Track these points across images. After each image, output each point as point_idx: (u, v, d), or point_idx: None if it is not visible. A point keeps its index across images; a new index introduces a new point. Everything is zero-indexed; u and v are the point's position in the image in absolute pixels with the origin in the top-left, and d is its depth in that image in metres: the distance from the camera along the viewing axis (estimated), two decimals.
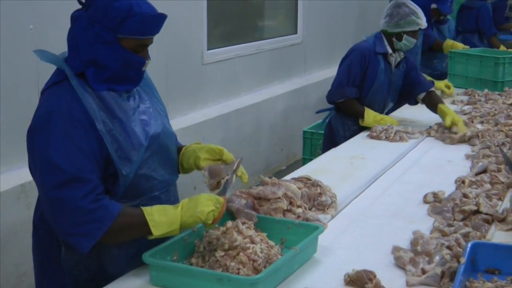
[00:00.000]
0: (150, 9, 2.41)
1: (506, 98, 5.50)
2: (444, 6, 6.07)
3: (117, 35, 2.36)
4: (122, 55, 2.39)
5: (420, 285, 2.34)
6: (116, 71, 2.40)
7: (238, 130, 6.56)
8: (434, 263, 2.44)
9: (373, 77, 4.71)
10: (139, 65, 2.46)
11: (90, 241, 2.28)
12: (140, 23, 2.36)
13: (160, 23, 2.43)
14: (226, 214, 2.69)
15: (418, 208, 3.16)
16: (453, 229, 2.75)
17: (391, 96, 4.93)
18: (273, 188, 2.89)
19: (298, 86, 7.92)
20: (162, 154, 2.56)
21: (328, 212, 3.02)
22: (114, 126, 2.37)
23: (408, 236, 2.75)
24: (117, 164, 2.36)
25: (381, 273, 2.38)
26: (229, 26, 7.26)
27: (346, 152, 4.10)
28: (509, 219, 2.83)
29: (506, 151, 3.85)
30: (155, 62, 5.45)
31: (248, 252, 2.36)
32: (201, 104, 6.26)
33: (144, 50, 2.46)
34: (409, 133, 4.43)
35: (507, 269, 2.35)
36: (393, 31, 4.70)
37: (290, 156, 7.69)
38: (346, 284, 2.35)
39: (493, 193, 3.20)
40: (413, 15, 4.66)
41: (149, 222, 2.32)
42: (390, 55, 4.76)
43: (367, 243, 2.75)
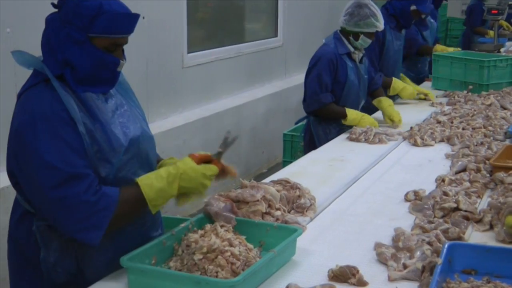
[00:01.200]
0: (121, 7, 2.40)
1: (485, 99, 5.55)
2: (423, 6, 6.08)
3: (88, 34, 2.35)
4: (94, 54, 2.37)
5: (402, 280, 2.39)
6: (89, 71, 2.38)
7: (218, 133, 6.54)
8: (415, 258, 2.49)
9: (344, 77, 4.81)
10: (113, 65, 2.43)
11: (100, 231, 2.30)
12: (111, 21, 2.35)
13: (132, 22, 2.42)
14: (204, 217, 2.70)
15: (399, 206, 3.21)
16: (434, 225, 2.82)
17: (362, 91, 5.03)
18: (251, 191, 2.89)
19: (279, 89, 7.94)
20: (141, 157, 2.56)
21: (307, 214, 3.02)
22: (94, 127, 2.37)
23: (389, 233, 2.80)
24: (96, 166, 2.35)
25: (364, 269, 2.43)
26: (210, 30, 7.26)
27: (326, 155, 4.11)
28: (485, 220, 2.86)
29: (484, 151, 3.93)
30: (135, 65, 5.47)
31: (226, 255, 2.36)
32: (181, 107, 6.26)
33: (118, 50, 2.45)
34: (388, 135, 4.45)
35: (483, 270, 2.36)
36: (351, 30, 4.81)
37: (271, 159, 7.69)
38: (330, 280, 2.40)
39: (472, 191, 3.27)
40: (373, 17, 4.77)
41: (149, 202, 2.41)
42: (353, 53, 4.88)
43: (350, 240, 2.80)
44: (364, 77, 5.03)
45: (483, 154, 3.85)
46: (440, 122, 4.79)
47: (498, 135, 4.36)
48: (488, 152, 3.89)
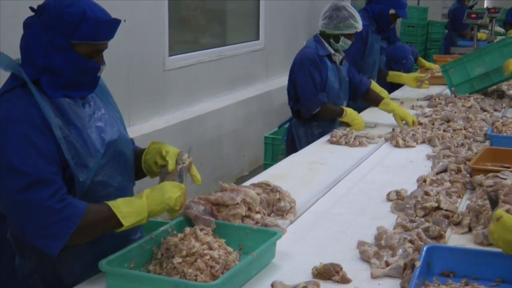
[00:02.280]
0: (104, 14, 2.41)
1: (465, 101, 5.64)
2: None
3: (71, 41, 2.36)
4: (76, 60, 2.38)
5: (384, 277, 2.44)
6: (71, 77, 2.39)
7: (200, 136, 6.55)
8: (397, 256, 2.54)
9: (325, 79, 4.85)
10: (94, 70, 2.45)
11: (60, 242, 2.26)
12: (94, 28, 2.36)
13: (114, 28, 2.43)
14: (184, 220, 2.70)
15: (381, 206, 3.26)
16: (415, 224, 2.87)
17: (343, 92, 5.06)
18: (231, 194, 2.89)
19: (260, 92, 7.94)
20: (118, 161, 2.55)
21: (287, 217, 3.03)
22: (70, 132, 2.36)
23: (372, 232, 2.85)
24: (73, 171, 2.34)
25: (347, 266, 2.48)
26: (191, 32, 7.26)
27: (306, 157, 4.12)
28: (464, 223, 2.88)
29: (464, 152, 3.99)
30: (116, 68, 5.46)
31: (205, 259, 2.37)
32: (163, 110, 6.24)
33: (99, 55, 2.45)
34: (369, 138, 4.48)
35: (461, 272, 2.38)
36: (331, 33, 4.86)
37: (253, 161, 7.69)
38: (314, 277, 2.43)
39: (453, 190, 3.33)
40: (352, 18, 4.83)
41: (118, 214, 2.33)
42: (333, 55, 4.91)
43: (333, 238, 2.84)
44: (345, 79, 5.06)
45: (464, 155, 3.92)
46: (421, 124, 4.87)
47: (478, 137, 4.45)
48: (469, 153, 3.98)
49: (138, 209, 2.38)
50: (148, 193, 2.42)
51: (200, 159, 6.48)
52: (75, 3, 2.36)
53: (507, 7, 13.58)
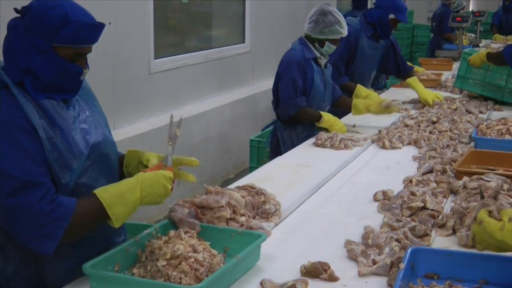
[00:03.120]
0: (87, 17, 2.38)
1: (451, 103, 5.71)
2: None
3: (53, 44, 2.33)
4: (58, 64, 2.36)
5: (371, 275, 2.47)
6: (52, 80, 2.37)
7: (185, 139, 6.54)
8: (384, 255, 2.58)
9: (311, 81, 4.85)
10: (77, 74, 2.43)
11: (54, 241, 2.27)
12: (76, 32, 2.34)
13: (98, 31, 2.41)
14: (169, 223, 2.69)
15: (368, 206, 3.29)
16: (401, 224, 2.90)
17: (327, 95, 5.08)
18: (216, 197, 2.89)
19: (246, 94, 7.95)
20: (103, 163, 2.55)
21: (271, 220, 3.03)
22: (54, 134, 2.35)
23: (359, 231, 2.88)
24: (55, 173, 2.33)
25: (334, 265, 2.50)
26: (177, 35, 7.25)
27: (291, 160, 4.12)
28: (448, 225, 2.89)
29: (450, 153, 4.04)
30: (101, 71, 5.44)
31: (190, 261, 2.36)
32: (148, 113, 6.23)
33: (82, 59, 2.43)
34: (354, 141, 4.49)
35: (445, 274, 2.38)
36: (316, 37, 4.86)
37: (239, 164, 7.69)
38: (303, 275, 2.46)
39: (439, 191, 3.37)
40: (337, 24, 4.83)
41: (112, 216, 2.36)
42: (319, 58, 4.93)
43: (321, 237, 2.87)
44: (330, 82, 5.08)
45: (449, 156, 3.97)
46: (407, 126, 4.91)
47: (463, 138, 4.50)
48: (454, 155, 4.01)
49: (131, 210, 2.41)
50: (142, 186, 2.43)
51: None
52: (58, 6, 2.34)
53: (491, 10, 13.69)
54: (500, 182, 3.26)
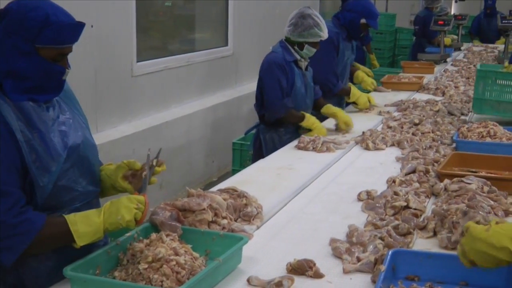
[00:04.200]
0: (67, 17, 2.40)
1: (433, 105, 5.77)
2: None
3: (35, 45, 2.35)
4: (41, 65, 2.37)
5: (356, 272, 2.53)
6: (36, 81, 2.38)
7: (168, 142, 6.53)
8: (368, 252, 2.64)
9: (292, 83, 4.87)
10: (59, 74, 2.44)
11: (14, 255, 2.27)
12: (58, 32, 2.35)
13: (78, 31, 2.42)
14: (150, 226, 2.69)
15: (352, 205, 3.35)
16: (385, 222, 2.96)
17: (309, 98, 5.10)
18: (198, 200, 2.89)
19: (229, 97, 7.94)
20: (82, 165, 2.54)
21: (253, 222, 3.03)
22: (32, 136, 2.35)
23: (344, 230, 2.93)
24: (33, 175, 2.33)
25: (320, 262, 2.56)
26: (159, 38, 7.24)
27: (273, 163, 4.13)
28: (429, 227, 2.90)
29: (432, 154, 4.12)
30: (84, 74, 5.43)
31: (171, 264, 2.36)
32: (131, 116, 6.22)
33: (64, 59, 2.45)
34: (336, 143, 4.50)
35: (426, 276, 2.40)
36: (296, 40, 4.88)
37: (222, 167, 7.69)
38: (288, 272, 2.51)
39: (421, 191, 3.43)
40: (317, 27, 4.85)
41: (74, 233, 2.34)
42: (299, 60, 4.94)
43: (306, 236, 2.93)
44: (311, 84, 5.10)
45: (432, 157, 4.05)
46: (390, 127, 4.99)
47: (446, 140, 4.57)
48: (436, 155, 4.10)
49: (95, 229, 2.38)
50: (106, 209, 2.42)
51: (168, 165, 6.40)
52: (38, 7, 2.35)
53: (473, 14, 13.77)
54: (480, 184, 3.29)
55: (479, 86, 5.16)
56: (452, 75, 7.91)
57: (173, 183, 6.48)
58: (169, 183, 6.37)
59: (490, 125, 4.44)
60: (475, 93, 5.21)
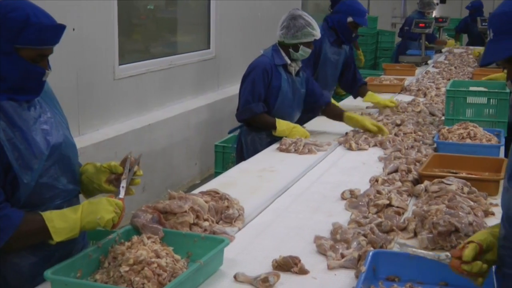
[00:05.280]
0: (48, 19, 2.41)
1: (415, 106, 5.85)
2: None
3: (15, 46, 2.35)
4: (21, 65, 2.38)
5: (340, 268, 2.59)
6: (15, 81, 2.39)
7: (151, 145, 6.53)
8: (352, 249, 2.69)
9: (277, 88, 4.85)
10: (39, 75, 2.45)
11: None
12: (38, 33, 2.36)
13: (59, 33, 2.43)
14: (132, 229, 2.69)
15: (336, 204, 3.41)
16: (368, 220, 3.02)
17: (296, 103, 5.05)
18: (179, 202, 2.89)
19: (212, 100, 7.94)
20: (63, 163, 2.56)
21: (235, 225, 3.04)
22: (14, 135, 2.37)
23: (328, 228, 2.98)
24: (17, 172, 2.34)
25: (305, 259, 2.61)
26: (141, 41, 7.23)
27: (255, 165, 4.14)
28: (410, 228, 2.92)
29: (414, 154, 4.18)
30: (65, 76, 5.42)
31: (153, 267, 2.36)
32: (113, 119, 6.21)
33: (44, 60, 2.46)
34: (318, 145, 4.52)
35: (406, 277, 2.41)
36: (290, 42, 4.85)
37: (204, 170, 7.69)
38: (274, 269, 2.56)
39: (404, 189, 3.49)
40: (309, 26, 4.83)
41: (50, 228, 2.36)
42: (290, 65, 4.91)
43: (291, 234, 2.98)
44: (301, 90, 5.05)
45: (413, 156, 4.12)
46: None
47: (427, 140, 4.63)
48: (418, 155, 4.15)
49: (71, 225, 2.40)
50: (84, 207, 2.44)
51: (151, 168, 6.46)
52: (19, 8, 2.35)
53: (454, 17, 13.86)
54: (460, 185, 3.31)
55: (449, 106, 5.09)
56: (433, 77, 7.96)
57: (155, 186, 6.48)
58: (151, 186, 6.36)
59: (470, 126, 4.47)
60: (446, 113, 5.12)
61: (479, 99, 5.01)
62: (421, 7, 11.21)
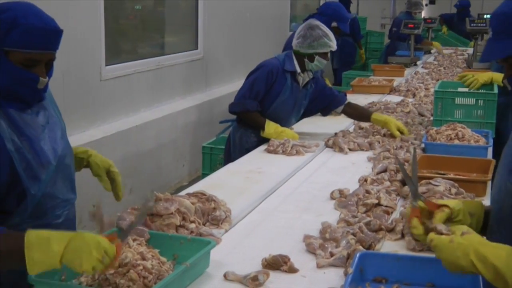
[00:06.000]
0: (40, 21, 2.32)
1: (404, 107, 5.88)
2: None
3: (3, 48, 2.27)
4: (10, 70, 2.28)
5: (329, 266, 2.62)
6: (7, 87, 2.29)
7: (138, 146, 6.50)
8: (341, 247, 2.72)
9: (278, 93, 4.81)
10: (31, 82, 2.34)
11: None
12: (24, 35, 2.27)
13: (52, 37, 2.34)
14: (117, 231, 2.66)
15: (325, 204, 3.43)
16: (357, 219, 3.05)
17: (295, 113, 5.03)
18: (165, 204, 2.87)
19: (199, 101, 7.92)
20: (65, 173, 2.52)
21: (222, 226, 3.02)
22: (22, 144, 2.30)
23: (317, 227, 3.01)
24: (25, 183, 2.29)
25: (294, 258, 2.64)
26: (129, 42, 7.20)
27: (243, 167, 4.13)
28: (397, 229, 2.92)
29: (403, 154, 4.19)
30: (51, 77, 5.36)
31: (138, 269, 2.34)
32: (100, 120, 6.17)
33: (39, 66, 2.35)
34: (306, 146, 4.51)
35: (393, 278, 2.40)
36: (305, 52, 4.79)
37: (192, 172, 7.67)
38: (264, 267, 2.58)
39: (392, 189, 3.54)
40: (326, 37, 4.77)
41: (27, 259, 2.05)
42: (299, 74, 4.87)
43: (281, 233, 3.01)
44: (303, 102, 5.01)
45: (402, 156, 4.14)
46: (362, 128, 5.07)
47: (416, 140, 4.63)
48: (407, 155, 4.18)
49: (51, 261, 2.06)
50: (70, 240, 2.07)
51: (138, 169, 6.43)
52: (10, 9, 2.29)
53: None
54: (448, 186, 3.31)
55: (437, 107, 5.07)
56: (422, 77, 7.99)
57: (142, 188, 6.44)
58: (138, 187, 6.33)
59: (458, 127, 4.46)
60: (434, 114, 5.11)
61: (467, 100, 5.01)
62: (408, 7, 11.24)
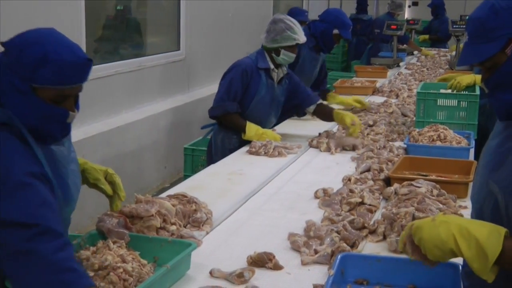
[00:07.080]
0: (71, 54, 2.14)
1: (387, 107, 5.92)
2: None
3: (31, 84, 2.11)
4: (38, 106, 2.12)
5: (314, 264, 2.66)
6: (34, 124, 2.15)
7: (119, 147, 6.46)
8: (325, 245, 2.76)
9: (254, 91, 4.79)
10: (61, 117, 2.20)
11: None
12: (57, 72, 2.11)
13: (83, 70, 2.18)
14: (97, 234, 2.65)
15: (310, 203, 3.47)
16: (341, 217, 3.08)
17: (274, 111, 5.01)
18: (146, 206, 2.85)
19: (181, 103, 7.88)
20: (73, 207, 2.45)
21: (203, 228, 3.01)
22: (56, 181, 2.19)
23: (302, 226, 3.04)
24: None
25: (279, 255, 2.68)
26: (110, 43, 7.16)
27: (225, 168, 4.11)
28: (379, 231, 2.92)
29: (386, 153, 4.23)
30: None
31: (118, 272, 2.33)
32: (80, 122, 6.12)
33: (68, 100, 2.21)
34: (288, 148, 4.50)
35: (374, 279, 2.40)
36: (271, 47, 4.79)
37: (174, 173, 7.63)
38: (249, 264, 2.62)
39: (376, 188, 3.57)
40: (289, 30, 4.76)
41: None
42: (272, 70, 4.85)
43: (265, 232, 3.05)
44: (280, 98, 5.00)
45: (385, 156, 4.17)
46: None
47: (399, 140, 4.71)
48: (390, 155, 4.22)
49: None
50: None
51: (119, 171, 6.33)
52: (38, 42, 2.12)
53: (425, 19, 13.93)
54: (429, 188, 3.31)
55: (420, 108, 5.05)
56: (405, 78, 8.01)
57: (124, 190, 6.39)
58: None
59: (440, 129, 4.48)
60: (417, 116, 5.09)
61: (450, 101, 5.02)
62: (392, 8, 11.27)
